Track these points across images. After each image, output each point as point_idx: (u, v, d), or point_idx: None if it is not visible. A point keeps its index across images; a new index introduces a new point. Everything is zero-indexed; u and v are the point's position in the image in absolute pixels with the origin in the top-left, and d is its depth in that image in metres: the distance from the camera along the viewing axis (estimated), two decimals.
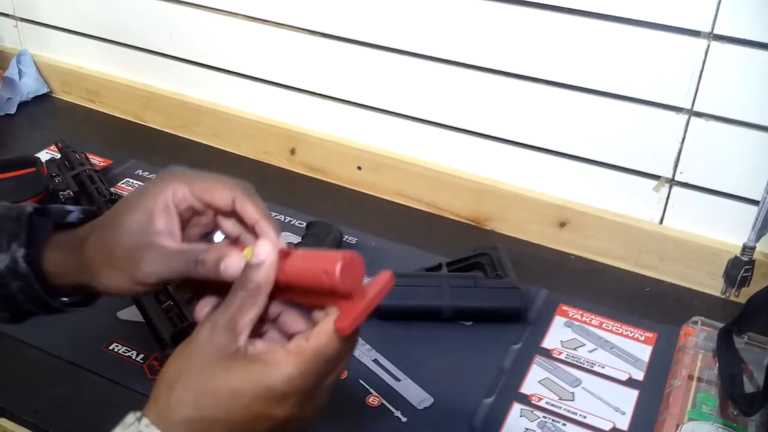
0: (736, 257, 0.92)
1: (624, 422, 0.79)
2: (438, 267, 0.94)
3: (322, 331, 0.49)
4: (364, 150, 1.15)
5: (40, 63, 1.41)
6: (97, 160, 1.18)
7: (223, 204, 0.55)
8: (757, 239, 0.89)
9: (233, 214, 0.56)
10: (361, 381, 0.82)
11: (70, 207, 0.64)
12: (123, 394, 0.79)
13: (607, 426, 0.78)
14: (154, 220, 0.54)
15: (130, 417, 0.49)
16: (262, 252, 0.51)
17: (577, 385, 0.83)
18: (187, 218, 0.56)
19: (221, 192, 0.55)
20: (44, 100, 1.41)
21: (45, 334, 0.84)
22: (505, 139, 1.06)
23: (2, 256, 0.58)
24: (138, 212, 0.54)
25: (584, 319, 0.93)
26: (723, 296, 0.95)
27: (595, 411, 0.80)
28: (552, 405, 0.80)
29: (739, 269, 0.91)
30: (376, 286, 0.50)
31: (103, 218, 0.58)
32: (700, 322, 0.88)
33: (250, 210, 0.54)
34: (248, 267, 0.51)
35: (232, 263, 0.52)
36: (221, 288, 0.53)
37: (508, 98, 1.02)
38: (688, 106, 0.92)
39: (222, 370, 0.49)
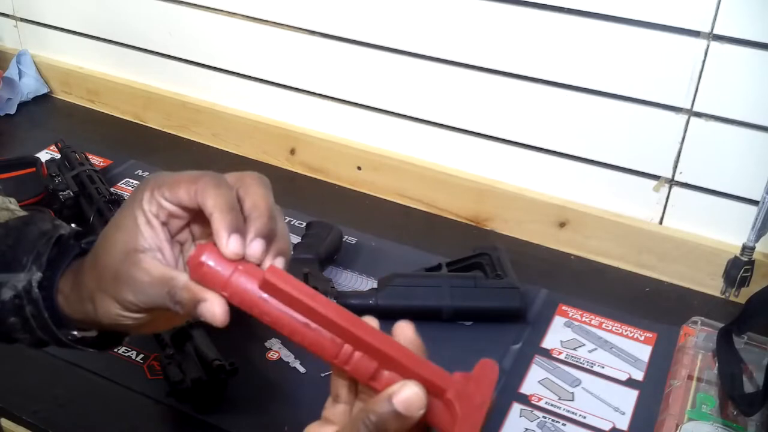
0: (735, 257, 0.92)
1: (624, 422, 0.79)
2: (438, 267, 0.94)
3: None
4: (364, 150, 1.15)
5: (40, 63, 1.41)
6: (97, 160, 1.18)
7: (188, 201, 0.47)
8: (757, 239, 0.89)
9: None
10: None
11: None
12: (123, 394, 0.79)
13: (607, 426, 0.78)
14: (137, 237, 0.48)
15: None
16: (402, 393, 0.42)
17: (576, 385, 0.83)
18: (178, 226, 0.50)
19: (185, 188, 0.47)
20: (44, 100, 1.41)
21: None
22: (505, 139, 1.06)
23: (22, 276, 0.54)
24: (122, 230, 0.48)
25: (584, 319, 0.93)
26: (723, 296, 0.95)
27: (594, 411, 0.80)
28: (552, 405, 0.80)
29: (738, 269, 0.91)
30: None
31: (98, 239, 0.52)
32: (699, 322, 0.88)
33: (208, 202, 0.46)
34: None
35: (208, 310, 0.45)
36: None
37: (508, 98, 1.02)
38: (688, 107, 0.92)
39: None
